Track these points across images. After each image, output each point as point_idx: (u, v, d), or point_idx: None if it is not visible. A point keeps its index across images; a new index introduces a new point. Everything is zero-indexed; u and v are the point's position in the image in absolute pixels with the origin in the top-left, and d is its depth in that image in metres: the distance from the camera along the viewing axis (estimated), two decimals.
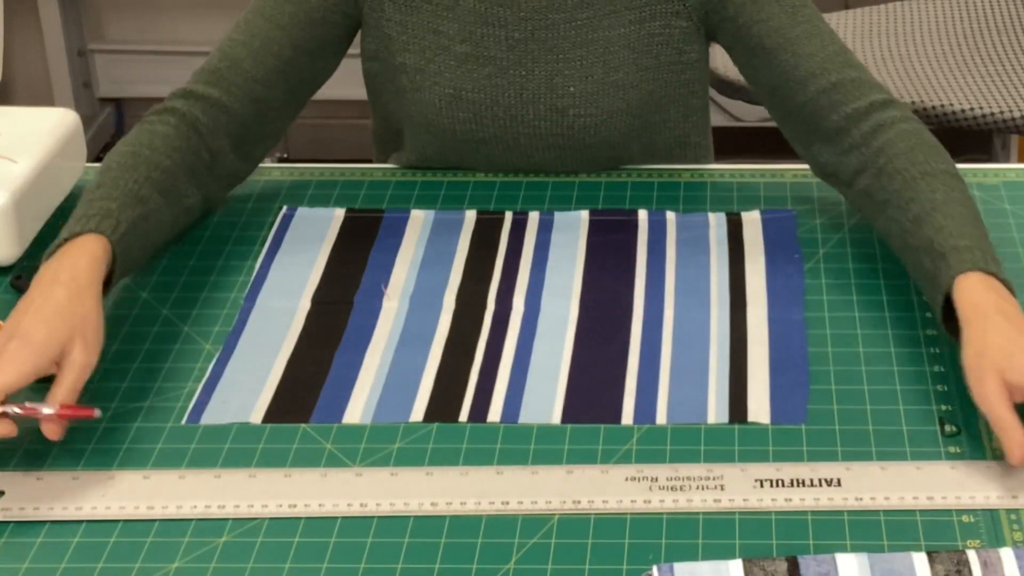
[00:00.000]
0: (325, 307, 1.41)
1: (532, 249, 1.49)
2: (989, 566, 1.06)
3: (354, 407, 1.28)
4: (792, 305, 1.39)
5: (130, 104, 3.44)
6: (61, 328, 1.23)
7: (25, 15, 3.26)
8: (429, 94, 1.56)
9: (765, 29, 1.50)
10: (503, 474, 1.20)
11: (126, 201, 1.38)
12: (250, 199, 1.59)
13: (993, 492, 1.16)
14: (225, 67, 1.52)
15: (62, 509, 1.17)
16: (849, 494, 1.16)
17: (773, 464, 1.20)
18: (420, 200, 1.58)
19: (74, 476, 1.20)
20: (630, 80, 1.55)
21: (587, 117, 1.56)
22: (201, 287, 1.44)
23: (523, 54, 1.54)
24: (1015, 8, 2.43)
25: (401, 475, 1.20)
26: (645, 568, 1.10)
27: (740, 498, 1.16)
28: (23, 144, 1.52)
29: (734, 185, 1.60)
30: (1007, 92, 2.17)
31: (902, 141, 1.42)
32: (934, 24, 2.42)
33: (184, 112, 1.49)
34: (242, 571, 1.11)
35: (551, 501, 1.16)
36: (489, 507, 1.16)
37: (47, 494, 1.18)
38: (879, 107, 1.45)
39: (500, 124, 1.57)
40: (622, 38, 1.54)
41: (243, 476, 1.20)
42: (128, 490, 1.19)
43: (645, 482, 1.18)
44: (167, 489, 1.19)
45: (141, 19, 3.33)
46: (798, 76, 1.49)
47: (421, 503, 1.17)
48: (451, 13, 1.54)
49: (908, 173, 1.39)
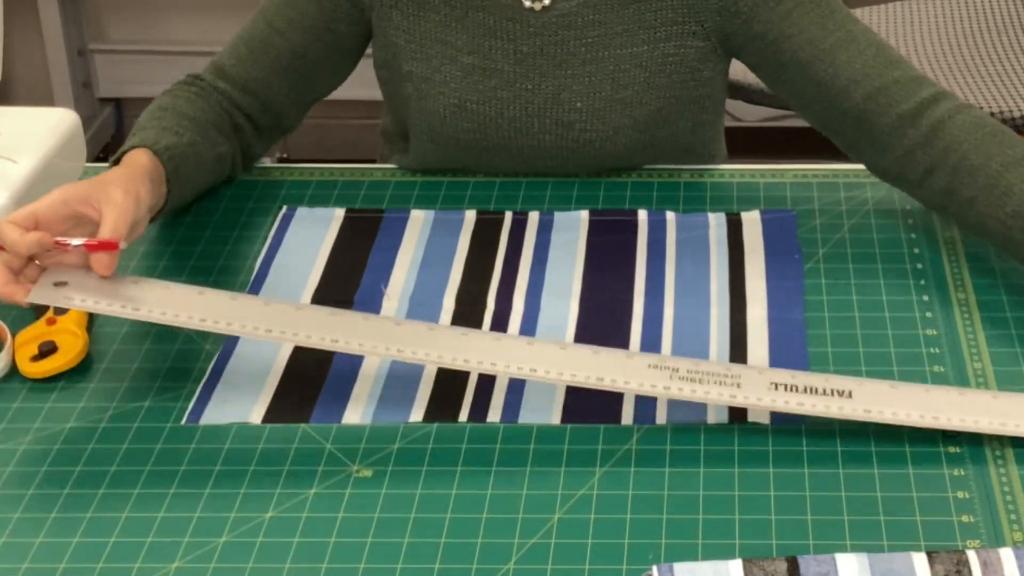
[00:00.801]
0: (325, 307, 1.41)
1: (532, 249, 1.49)
2: (989, 566, 1.06)
3: (354, 407, 1.28)
4: (792, 305, 1.39)
5: (130, 104, 3.44)
6: (100, 181, 1.28)
7: (25, 15, 3.26)
8: (434, 103, 1.55)
9: (798, 43, 1.47)
10: (533, 345, 1.26)
11: (164, 134, 1.44)
12: (250, 199, 1.59)
13: (996, 419, 1.20)
14: (229, 64, 1.56)
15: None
16: (859, 405, 1.20)
17: (789, 371, 1.24)
18: (420, 200, 1.58)
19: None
20: (639, 97, 1.53)
21: (593, 132, 1.55)
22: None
23: (530, 68, 1.53)
24: (1015, 8, 2.43)
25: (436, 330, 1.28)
26: (645, 568, 1.10)
27: (755, 397, 1.21)
28: (23, 144, 1.52)
29: (734, 185, 1.60)
30: (1007, 92, 2.17)
31: (968, 135, 1.41)
32: (934, 24, 2.42)
33: (204, 82, 1.56)
34: (242, 571, 1.11)
35: (576, 375, 1.23)
36: (518, 371, 1.23)
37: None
38: (930, 103, 1.44)
39: (504, 135, 1.56)
40: (634, 57, 1.52)
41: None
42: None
43: (666, 371, 1.23)
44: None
45: (141, 19, 3.33)
46: (839, 86, 1.46)
47: (455, 358, 1.24)
48: (460, 24, 1.53)
49: (989, 168, 1.39)
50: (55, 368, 1.31)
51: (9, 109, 1.61)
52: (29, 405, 1.29)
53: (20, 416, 1.28)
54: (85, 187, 1.28)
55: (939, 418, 1.20)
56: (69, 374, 1.32)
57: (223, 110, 1.56)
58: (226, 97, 1.56)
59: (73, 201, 1.26)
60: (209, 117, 1.54)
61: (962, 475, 1.18)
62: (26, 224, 1.24)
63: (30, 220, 1.24)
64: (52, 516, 1.17)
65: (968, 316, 1.37)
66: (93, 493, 1.19)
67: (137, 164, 1.37)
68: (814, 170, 1.61)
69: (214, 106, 1.55)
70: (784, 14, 1.47)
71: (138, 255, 1.49)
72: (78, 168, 1.60)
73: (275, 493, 1.19)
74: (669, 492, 1.17)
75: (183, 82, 1.57)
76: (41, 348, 1.32)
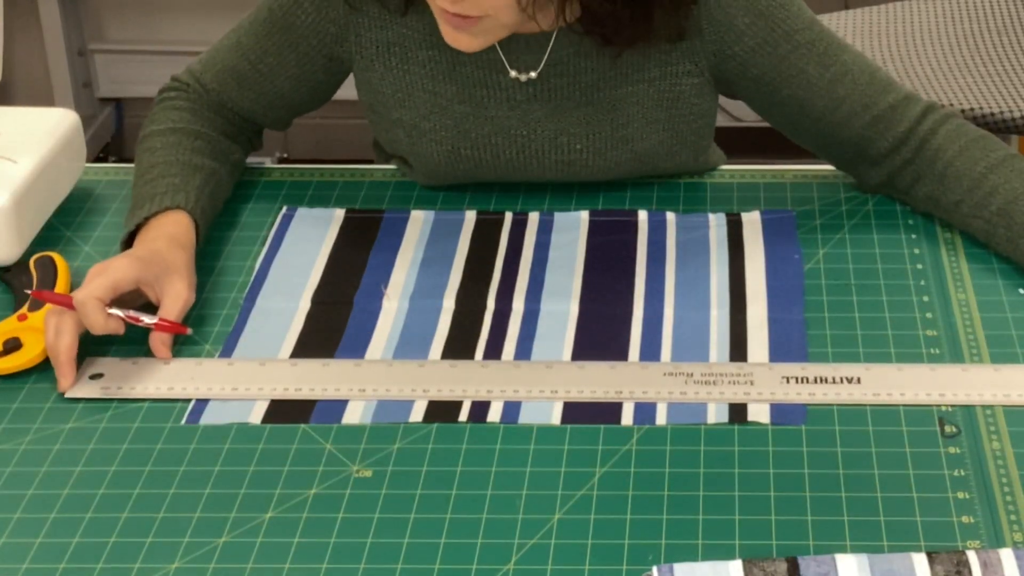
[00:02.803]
0: (325, 307, 1.41)
1: (532, 250, 1.49)
2: (989, 567, 1.06)
3: (354, 407, 1.28)
4: (792, 305, 1.39)
5: (130, 104, 3.44)
6: (160, 260, 1.36)
7: (25, 15, 3.26)
8: (427, 148, 1.53)
9: (796, 83, 1.47)
10: (552, 368, 1.30)
11: (186, 173, 1.46)
12: (250, 199, 1.59)
13: (1000, 391, 1.26)
14: (214, 87, 1.57)
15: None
16: (868, 390, 1.26)
17: (799, 364, 1.29)
18: (420, 200, 1.58)
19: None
20: (639, 133, 1.51)
21: (595, 167, 1.53)
22: (201, 287, 1.44)
23: (525, 113, 1.50)
24: (1015, 8, 2.43)
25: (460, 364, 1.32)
26: (645, 568, 1.10)
27: (768, 392, 1.26)
28: (23, 144, 1.52)
29: (734, 185, 1.60)
30: (1007, 92, 2.17)
31: (951, 143, 1.47)
32: (934, 24, 2.42)
33: (193, 87, 1.57)
34: (242, 571, 1.11)
35: (595, 391, 1.27)
36: (539, 395, 1.27)
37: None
38: (919, 120, 1.48)
39: (503, 174, 1.55)
40: (630, 96, 1.49)
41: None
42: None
43: (681, 377, 1.28)
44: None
45: (141, 19, 3.33)
46: (837, 119, 1.48)
47: (478, 389, 1.28)
48: (448, 76, 1.49)
49: (973, 172, 1.44)
50: (17, 365, 1.31)
51: (9, 109, 1.61)
52: (29, 405, 1.29)
53: (20, 416, 1.28)
54: (154, 270, 1.35)
55: (945, 395, 1.26)
56: None
57: (224, 113, 1.57)
58: (219, 98, 1.57)
59: (142, 282, 1.35)
60: (216, 126, 1.55)
61: (962, 475, 1.18)
62: (106, 298, 1.31)
63: (110, 293, 1.31)
64: (52, 516, 1.17)
65: (968, 316, 1.37)
66: (93, 493, 1.19)
67: (187, 240, 1.41)
68: (814, 170, 1.61)
69: (216, 111, 1.56)
70: (781, 58, 1.46)
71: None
72: (78, 168, 1.60)
73: (275, 493, 1.19)
74: (669, 492, 1.17)
75: (170, 88, 1.58)
76: (5, 345, 1.32)
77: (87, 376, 1.31)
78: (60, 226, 1.55)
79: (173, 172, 1.46)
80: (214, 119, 1.56)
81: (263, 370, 1.31)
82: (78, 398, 1.29)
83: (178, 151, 1.49)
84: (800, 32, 1.46)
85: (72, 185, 1.59)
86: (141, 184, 1.46)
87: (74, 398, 1.29)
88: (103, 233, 1.54)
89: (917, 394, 1.26)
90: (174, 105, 1.56)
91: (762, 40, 1.45)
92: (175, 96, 1.57)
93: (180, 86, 1.58)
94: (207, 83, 1.56)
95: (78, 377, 1.31)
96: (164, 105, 1.56)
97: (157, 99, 1.59)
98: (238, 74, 1.55)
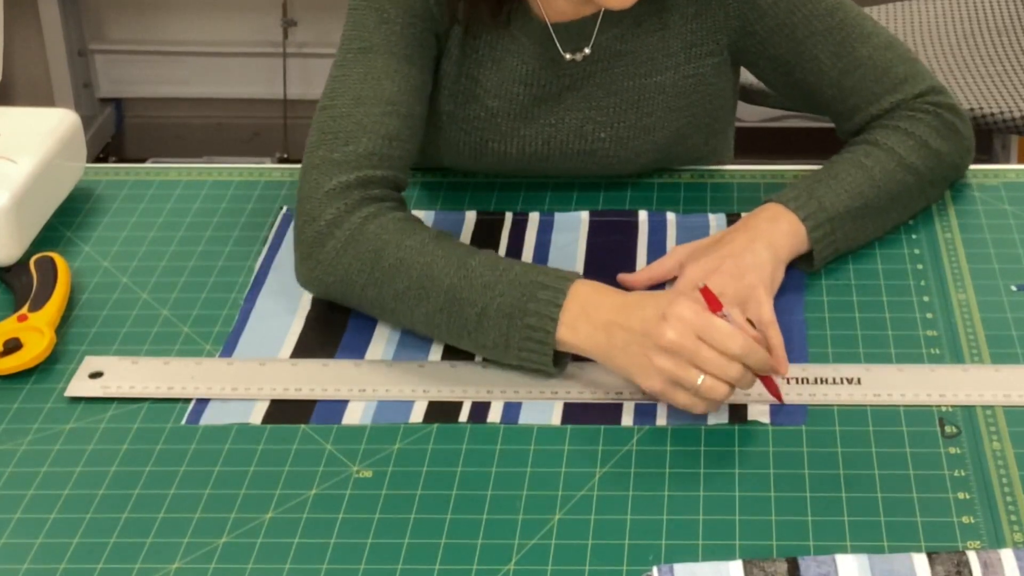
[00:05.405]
0: (325, 307, 1.41)
1: (532, 249, 1.49)
2: (989, 567, 1.06)
3: (354, 407, 1.28)
4: (792, 305, 1.39)
5: (130, 104, 3.44)
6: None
7: (25, 15, 3.26)
8: (454, 138, 1.54)
9: (808, 69, 1.51)
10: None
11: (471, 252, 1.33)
12: (250, 199, 1.59)
13: (1000, 391, 1.26)
14: (385, 147, 1.41)
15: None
16: (868, 390, 1.26)
17: (799, 364, 1.30)
18: (420, 200, 1.58)
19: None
20: (661, 122, 1.54)
21: (615, 158, 1.55)
22: (201, 287, 1.44)
23: (554, 105, 1.52)
24: (1015, 8, 2.43)
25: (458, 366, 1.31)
26: (645, 569, 1.10)
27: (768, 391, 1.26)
28: (23, 144, 1.52)
29: (734, 185, 1.60)
30: (1007, 92, 2.17)
31: (904, 123, 1.48)
32: (934, 24, 2.42)
33: (387, 196, 1.40)
34: (242, 571, 1.11)
35: (596, 392, 1.28)
36: (539, 395, 1.28)
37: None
38: (916, 107, 1.50)
39: (524, 166, 1.57)
40: (656, 85, 1.52)
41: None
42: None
43: None
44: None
45: (141, 19, 3.33)
46: (846, 109, 1.52)
47: (478, 390, 1.29)
48: (496, 65, 1.51)
49: (867, 141, 1.48)
50: (17, 365, 1.31)
51: (9, 109, 1.61)
52: (29, 405, 1.29)
53: (20, 416, 1.28)
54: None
55: (945, 395, 1.26)
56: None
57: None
58: (396, 188, 1.42)
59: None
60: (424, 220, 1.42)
61: (962, 476, 1.18)
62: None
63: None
64: (52, 516, 1.17)
65: (968, 316, 1.37)
66: (93, 493, 1.19)
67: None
68: (814, 170, 1.61)
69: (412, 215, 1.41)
70: (798, 42, 1.50)
71: (138, 255, 1.50)
72: (78, 168, 1.60)
73: (275, 494, 1.19)
74: (669, 493, 1.17)
75: (367, 202, 1.37)
76: (5, 345, 1.32)
77: (87, 375, 1.31)
78: (60, 226, 1.55)
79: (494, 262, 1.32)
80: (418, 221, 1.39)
81: (263, 370, 1.31)
82: (78, 398, 1.29)
83: (448, 249, 1.33)
84: (819, 18, 1.48)
85: (72, 185, 1.59)
86: (457, 300, 1.30)
87: (74, 398, 1.29)
88: (103, 233, 1.54)
89: (917, 394, 1.26)
90: (394, 216, 1.37)
91: (782, 22, 1.49)
92: (379, 213, 1.37)
93: (371, 198, 1.38)
94: (374, 151, 1.40)
95: (78, 377, 1.30)
96: (386, 224, 1.35)
97: (353, 217, 1.36)
98: (392, 130, 1.42)
